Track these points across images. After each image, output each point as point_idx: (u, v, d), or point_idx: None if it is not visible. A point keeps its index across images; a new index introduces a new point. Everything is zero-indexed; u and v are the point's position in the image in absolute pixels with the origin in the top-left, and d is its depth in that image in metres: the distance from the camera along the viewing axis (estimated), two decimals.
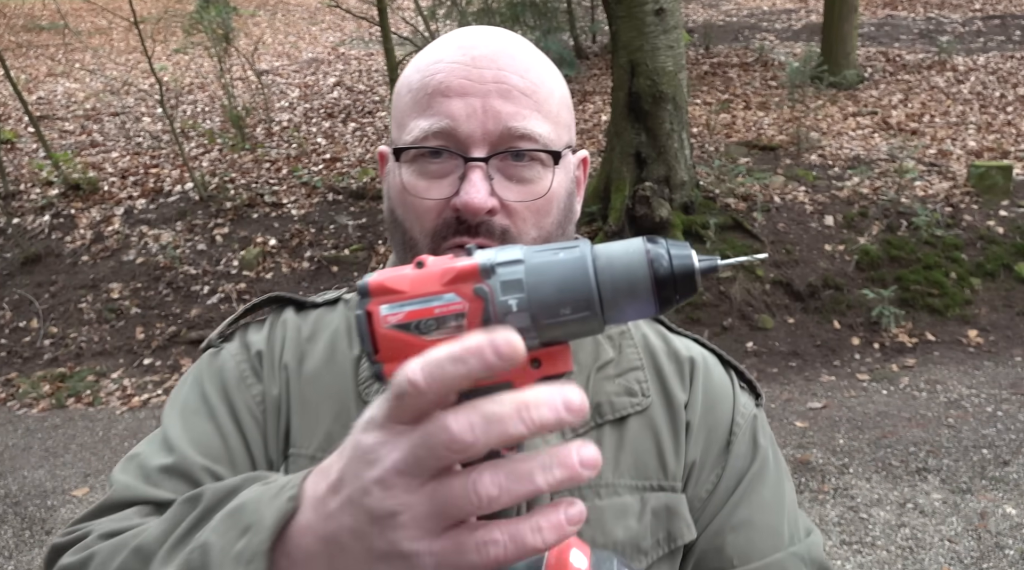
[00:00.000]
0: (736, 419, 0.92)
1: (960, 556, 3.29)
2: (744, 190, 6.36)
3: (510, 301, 0.50)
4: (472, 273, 0.51)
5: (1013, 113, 8.11)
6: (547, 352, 0.53)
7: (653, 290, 0.52)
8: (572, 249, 0.52)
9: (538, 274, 0.51)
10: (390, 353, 0.52)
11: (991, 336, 5.29)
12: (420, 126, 0.80)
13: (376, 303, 0.52)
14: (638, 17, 5.73)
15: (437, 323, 0.51)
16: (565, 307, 0.50)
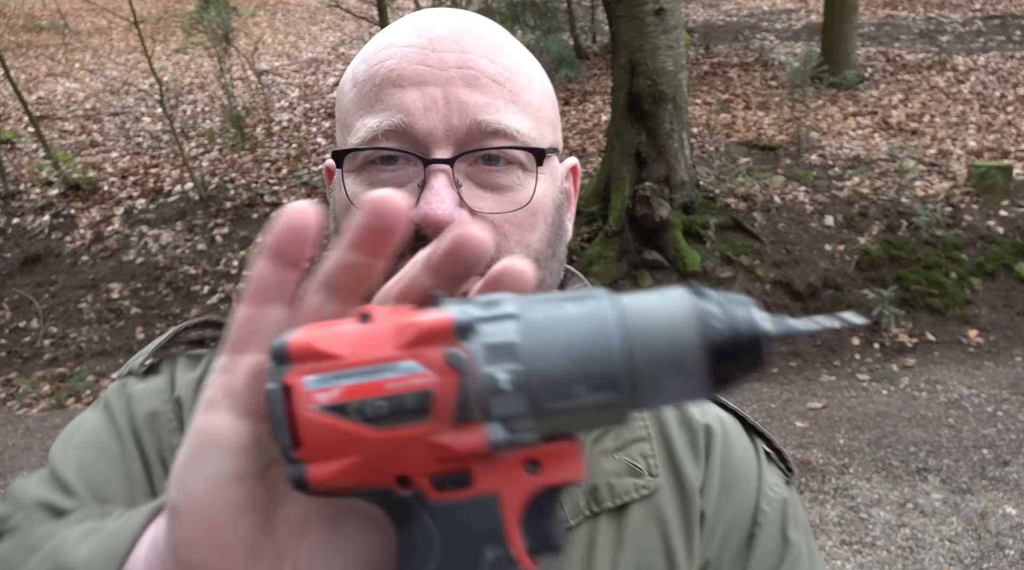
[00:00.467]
0: (761, 505, 0.74)
1: (960, 556, 3.29)
2: (744, 190, 6.36)
3: (498, 374, 0.36)
4: (442, 332, 0.36)
5: (1013, 113, 8.11)
6: (550, 450, 0.38)
7: (707, 362, 0.37)
8: (586, 300, 0.37)
9: (540, 334, 0.36)
10: (318, 447, 0.36)
11: (991, 336, 5.29)
12: (367, 125, 0.65)
13: (298, 372, 0.36)
14: (638, 17, 5.73)
15: (389, 405, 0.36)
16: (578, 385, 0.36)
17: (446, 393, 0.36)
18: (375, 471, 0.37)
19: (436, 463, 0.37)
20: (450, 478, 0.37)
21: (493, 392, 0.36)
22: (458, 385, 0.36)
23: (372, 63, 0.67)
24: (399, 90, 0.64)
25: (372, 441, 0.36)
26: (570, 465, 0.39)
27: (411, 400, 0.36)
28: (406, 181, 0.64)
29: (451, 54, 0.65)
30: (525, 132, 0.66)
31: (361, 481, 0.37)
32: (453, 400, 0.36)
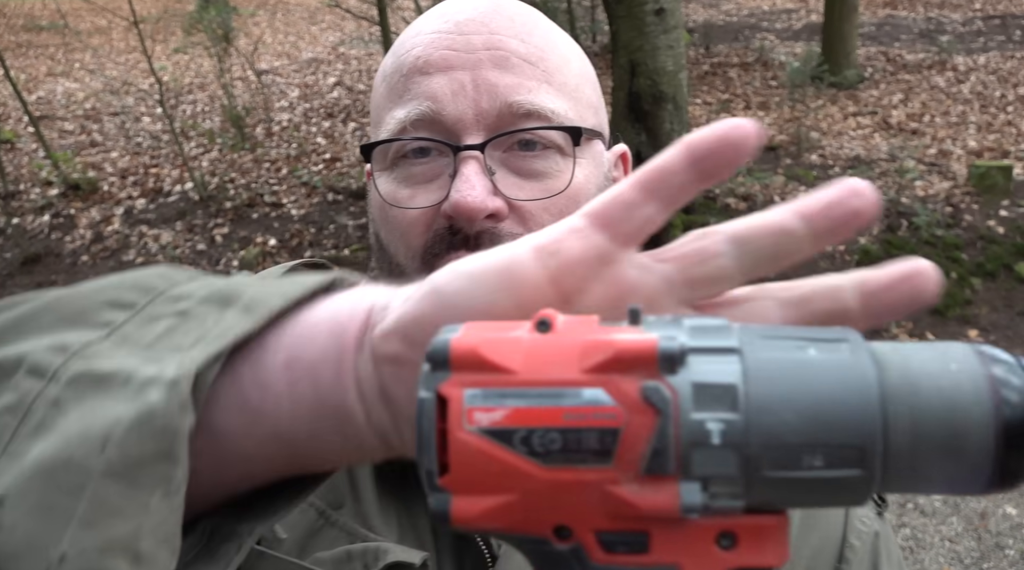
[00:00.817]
0: (849, 539, 0.66)
1: (960, 556, 3.29)
2: (744, 190, 6.36)
3: (709, 424, 0.28)
4: (644, 359, 0.29)
5: (1013, 113, 8.10)
6: (751, 524, 0.30)
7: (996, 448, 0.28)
8: (837, 345, 0.29)
9: (770, 380, 0.29)
10: (469, 478, 0.30)
11: (991, 336, 5.29)
12: (396, 117, 0.62)
13: (458, 382, 0.30)
14: (638, 17, 5.73)
15: (564, 440, 0.29)
16: (814, 453, 0.28)
17: (637, 436, 0.29)
18: (532, 516, 0.31)
19: (608, 519, 0.30)
20: (623, 539, 0.30)
21: (698, 444, 0.28)
22: (654, 428, 0.29)
23: (399, 54, 0.65)
24: (426, 77, 0.61)
25: (536, 480, 0.30)
26: (773, 547, 0.30)
27: (591, 438, 0.29)
28: (438, 173, 0.61)
29: (478, 36, 0.61)
30: (561, 113, 0.61)
31: (513, 525, 0.31)
32: (645, 446, 0.29)
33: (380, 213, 0.65)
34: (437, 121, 0.61)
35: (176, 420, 0.32)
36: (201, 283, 0.40)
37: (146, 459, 0.32)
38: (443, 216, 0.60)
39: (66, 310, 0.39)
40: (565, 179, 0.62)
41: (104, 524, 0.31)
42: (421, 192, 0.62)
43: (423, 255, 0.61)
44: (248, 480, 0.38)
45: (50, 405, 0.34)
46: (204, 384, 0.34)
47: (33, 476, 0.33)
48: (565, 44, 0.67)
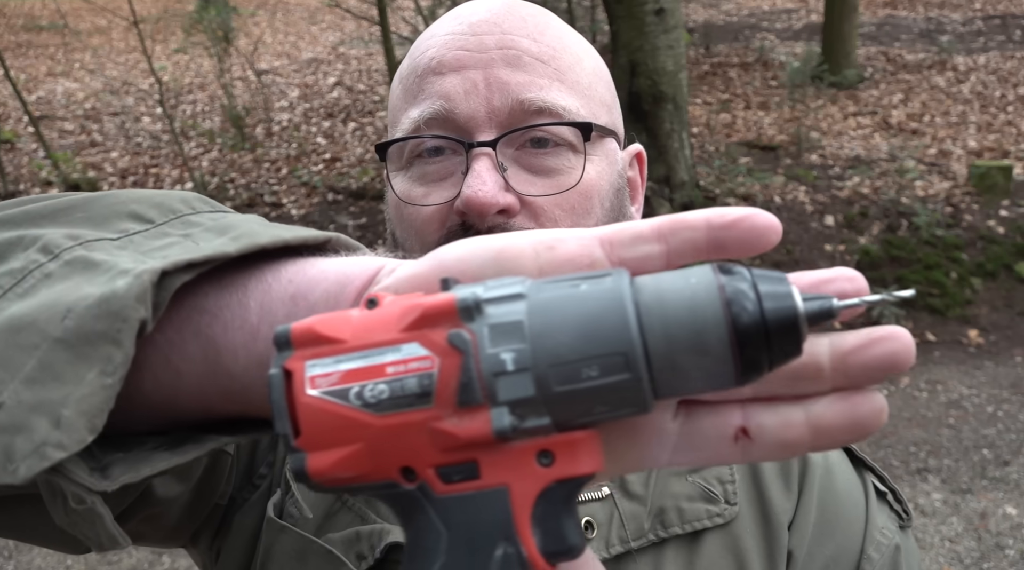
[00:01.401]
0: (867, 551, 0.65)
1: (960, 556, 3.29)
2: (744, 190, 6.36)
3: (503, 355, 0.34)
4: (447, 313, 0.35)
5: (1013, 113, 8.10)
6: (564, 440, 0.35)
7: (732, 346, 0.33)
8: (600, 278, 0.35)
9: (548, 313, 0.34)
10: (318, 435, 0.35)
11: (991, 336, 5.29)
12: (410, 117, 0.63)
13: (300, 357, 0.35)
14: (638, 17, 5.73)
15: (390, 389, 0.34)
16: (589, 365, 0.33)
17: (449, 376, 0.34)
18: (378, 461, 0.35)
19: (441, 453, 0.35)
20: (456, 469, 0.36)
21: (498, 374, 0.34)
22: (461, 367, 0.34)
23: (415, 56, 0.66)
24: (439, 77, 0.62)
25: (373, 428, 0.34)
26: (586, 457, 0.36)
27: (412, 383, 0.34)
28: (452, 171, 0.62)
29: (491, 36, 0.63)
30: (572, 110, 0.62)
31: (364, 472, 0.36)
32: (456, 383, 0.34)
33: (395, 211, 0.66)
34: (450, 119, 0.62)
35: (129, 308, 0.35)
36: (216, 215, 0.44)
37: (95, 336, 0.35)
38: (456, 213, 0.61)
39: (94, 212, 0.44)
40: (575, 175, 0.63)
41: (43, 385, 0.35)
42: (435, 190, 0.63)
43: None
44: (231, 400, 0.40)
45: (43, 276, 0.39)
46: (170, 285, 0.37)
47: (1, 329, 0.37)
48: (577, 43, 0.68)
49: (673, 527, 0.62)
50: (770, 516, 0.64)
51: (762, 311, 0.34)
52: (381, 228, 6.51)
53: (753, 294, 0.34)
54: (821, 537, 0.65)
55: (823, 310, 0.35)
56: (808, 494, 0.66)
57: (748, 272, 0.35)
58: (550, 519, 0.36)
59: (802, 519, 0.65)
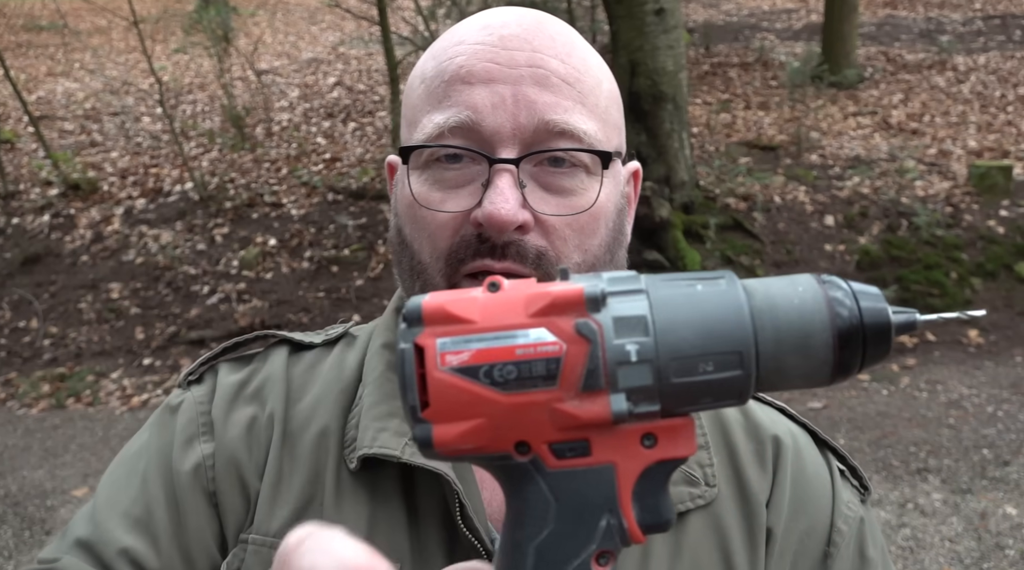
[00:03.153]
0: (837, 524, 0.71)
1: (960, 556, 3.29)
2: (744, 190, 6.36)
3: (628, 346, 0.36)
4: (574, 302, 0.37)
5: (1013, 113, 8.10)
6: (667, 426, 0.39)
7: (834, 346, 0.38)
8: (715, 280, 0.38)
9: (670, 310, 0.37)
10: (445, 408, 0.38)
11: (991, 336, 5.29)
12: (434, 121, 0.64)
13: (431, 335, 0.38)
14: (638, 17, 5.72)
15: (518, 370, 0.37)
16: (707, 361, 0.37)
17: (575, 362, 0.37)
18: (498, 435, 0.38)
19: (557, 431, 0.38)
20: (570, 446, 0.38)
21: (621, 363, 0.37)
22: (587, 354, 0.37)
23: (441, 60, 0.66)
24: (468, 87, 0.63)
25: (499, 405, 0.37)
26: (684, 441, 0.39)
27: (540, 367, 0.37)
28: (470, 180, 0.64)
29: (521, 53, 0.64)
30: (592, 134, 0.65)
31: (483, 444, 0.38)
32: (581, 369, 0.37)
33: (408, 211, 0.67)
34: (475, 130, 0.63)
35: None
36: None
37: None
38: (472, 223, 0.63)
39: None
40: (589, 197, 0.65)
41: None
42: (452, 197, 0.64)
43: (447, 257, 0.65)
44: None
45: None
46: None
47: None
48: (598, 66, 0.70)
49: None
50: (748, 495, 0.69)
51: (861, 317, 0.38)
52: (381, 228, 6.50)
53: (852, 303, 0.38)
54: (795, 513, 0.70)
55: (909, 322, 0.39)
56: (782, 474, 0.71)
57: (846, 283, 0.39)
58: (649, 495, 0.40)
59: (778, 497, 0.70)
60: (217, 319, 5.94)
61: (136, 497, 0.69)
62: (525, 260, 0.63)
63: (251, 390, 0.73)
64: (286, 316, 5.89)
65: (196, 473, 0.69)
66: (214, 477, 0.69)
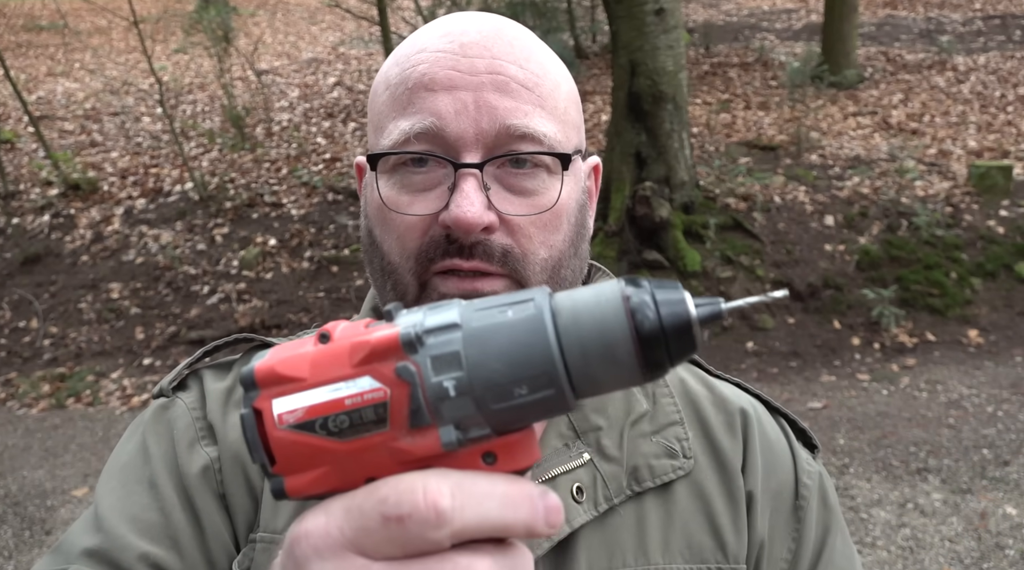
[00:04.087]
0: (802, 479, 0.79)
1: (960, 556, 3.29)
2: (744, 190, 6.36)
3: (445, 383, 0.38)
4: (391, 347, 0.39)
5: (1013, 113, 8.10)
6: (504, 443, 0.41)
7: (636, 352, 0.39)
8: (524, 304, 0.40)
9: (481, 343, 0.39)
10: (291, 462, 0.40)
11: (991, 336, 5.29)
12: (400, 127, 0.67)
13: (267, 396, 0.40)
14: (638, 17, 5.72)
15: (350, 419, 0.39)
16: (520, 386, 0.39)
17: (400, 404, 0.39)
18: (346, 477, 0.40)
19: (399, 465, 0.40)
20: None
21: (442, 399, 0.39)
22: (409, 395, 0.39)
23: (405, 67, 0.69)
24: (431, 94, 0.66)
25: (339, 452, 0.39)
26: (523, 453, 0.41)
27: (369, 413, 0.39)
28: (436, 183, 0.67)
29: (482, 60, 0.67)
30: (552, 136, 0.68)
31: (335, 486, 0.40)
32: (406, 409, 0.39)
33: (378, 213, 0.70)
34: (440, 136, 0.66)
35: None
36: None
37: None
38: (441, 225, 0.66)
39: None
40: (551, 197, 0.69)
41: None
42: (419, 199, 0.68)
43: (417, 257, 0.68)
44: None
45: None
46: None
47: None
48: (556, 69, 0.72)
49: (646, 482, 0.73)
50: (724, 462, 0.76)
51: (660, 320, 0.39)
52: None
53: (652, 303, 0.40)
54: (767, 475, 0.78)
55: (712, 313, 0.41)
56: (751, 440, 0.78)
57: (648, 285, 0.40)
58: None
59: (751, 462, 0.77)
60: (217, 319, 5.94)
61: (147, 503, 0.70)
62: (492, 258, 0.66)
63: (239, 396, 0.75)
64: (286, 316, 5.89)
65: (205, 475, 0.71)
66: (222, 479, 0.71)
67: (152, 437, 0.74)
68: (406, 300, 0.69)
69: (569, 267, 0.71)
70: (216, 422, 0.74)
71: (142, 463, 0.73)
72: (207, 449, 0.72)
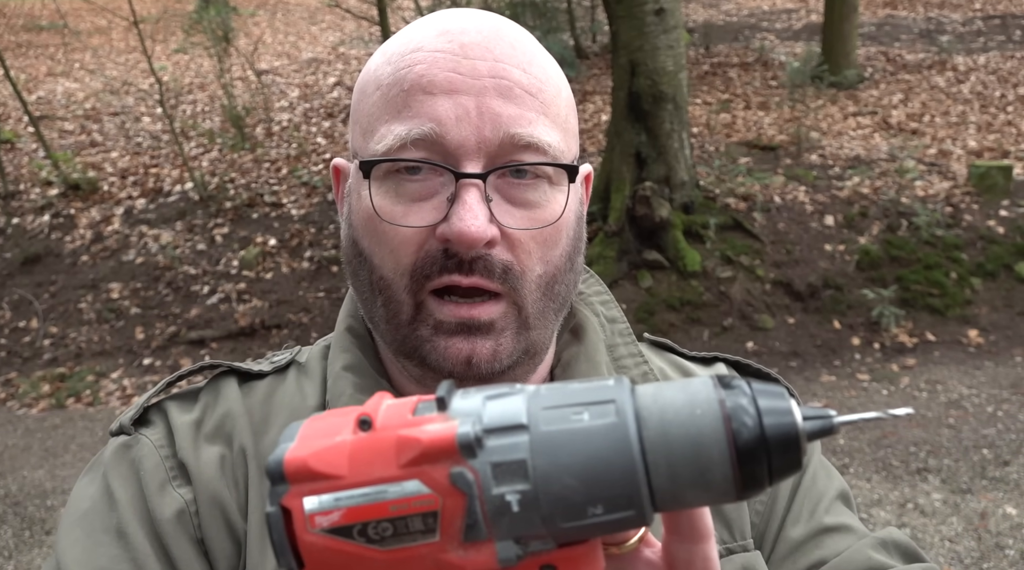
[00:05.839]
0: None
1: (960, 556, 3.29)
2: (744, 190, 6.36)
3: (508, 496, 0.33)
4: (446, 448, 0.34)
5: (1013, 113, 8.10)
6: (566, 555, 0.36)
7: (735, 475, 0.34)
8: (604, 407, 0.34)
9: (552, 452, 0.34)
10: (322, 569, 0.35)
11: (991, 336, 5.29)
12: (395, 132, 0.62)
13: (297, 493, 0.35)
14: (638, 17, 5.72)
15: (394, 527, 0.34)
16: (595, 505, 0.34)
17: (453, 514, 0.34)
18: None
19: None
20: None
21: (503, 513, 0.34)
22: (465, 507, 0.34)
23: (399, 66, 0.64)
24: (430, 97, 0.62)
25: (378, 562, 0.35)
26: (587, 567, 0.36)
27: (417, 522, 0.34)
28: (433, 192, 0.62)
29: (483, 62, 0.62)
30: (555, 146, 0.64)
31: None
32: (460, 522, 0.34)
33: (367, 224, 0.64)
34: (439, 143, 0.61)
35: None
36: None
37: None
38: (439, 238, 0.62)
39: None
40: (553, 210, 0.64)
41: None
42: (415, 210, 0.63)
43: (412, 272, 0.63)
44: None
45: None
46: None
47: None
48: (556, 74, 0.68)
49: None
50: None
51: (763, 430, 0.34)
52: None
53: (754, 411, 0.35)
54: None
55: (824, 428, 0.36)
56: None
57: (748, 387, 0.35)
58: None
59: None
60: (217, 319, 5.94)
61: (117, 554, 0.63)
62: (492, 275, 0.62)
63: (210, 428, 0.68)
64: (286, 316, 5.89)
65: (180, 520, 0.64)
66: (199, 523, 0.65)
67: (116, 480, 0.66)
68: (399, 320, 0.64)
69: (563, 282, 0.68)
70: (188, 460, 0.66)
71: (107, 509, 0.65)
72: (180, 490, 0.65)
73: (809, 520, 0.75)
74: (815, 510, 0.76)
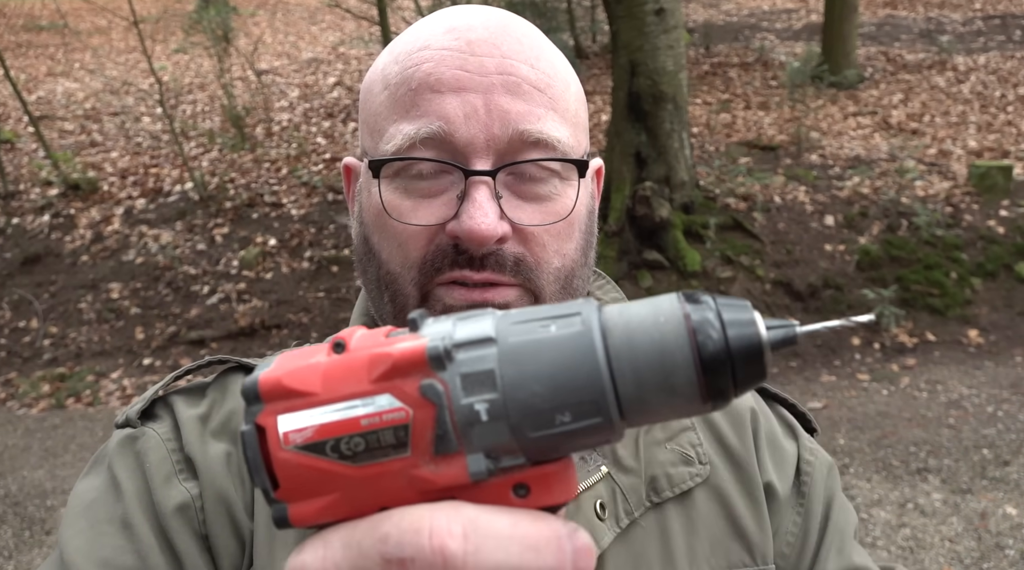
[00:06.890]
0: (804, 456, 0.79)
1: (960, 556, 3.29)
2: (744, 190, 6.36)
3: (477, 406, 0.34)
4: (416, 362, 0.34)
5: (1013, 113, 8.10)
6: (539, 474, 0.36)
7: (699, 380, 0.34)
8: (570, 319, 0.35)
9: (519, 361, 0.34)
10: (296, 487, 0.35)
11: (991, 336, 5.29)
12: (403, 131, 0.62)
13: (271, 412, 0.35)
14: (638, 17, 5.72)
15: (366, 441, 0.34)
16: (562, 412, 0.34)
17: (423, 427, 0.34)
18: (357, 506, 0.35)
19: (419, 495, 0.35)
20: None
21: (472, 424, 0.34)
22: (435, 419, 0.34)
23: (406, 65, 0.64)
24: (438, 96, 0.62)
25: (351, 478, 0.35)
26: (560, 487, 0.36)
27: (388, 435, 0.34)
28: (443, 190, 0.63)
29: (491, 59, 0.62)
30: (565, 141, 0.64)
31: (344, 516, 0.36)
32: (431, 434, 0.34)
33: (377, 220, 0.65)
34: (448, 142, 0.61)
35: None
36: None
37: None
38: (449, 235, 0.62)
39: None
40: (565, 204, 0.65)
41: None
42: (424, 207, 0.63)
43: (421, 266, 0.63)
44: None
45: None
46: None
47: None
48: (565, 68, 0.68)
49: (665, 492, 0.69)
50: (738, 462, 0.74)
51: (727, 341, 0.34)
52: None
53: (718, 323, 0.35)
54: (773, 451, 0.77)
55: (787, 337, 0.36)
56: (759, 436, 0.77)
57: (713, 300, 0.35)
58: None
59: (762, 456, 0.76)
60: (217, 319, 5.94)
61: (121, 546, 0.62)
62: (504, 269, 0.62)
63: (217, 424, 0.68)
64: (286, 316, 5.89)
65: (184, 514, 0.64)
66: (204, 519, 0.64)
67: (122, 471, 0.65)
68: (406, 312, 0.64)
69: (580, 276, 0.68)
70: (196, 455, 0.66)
71: (113, 500, 0.64)
72: (186, 484, 0.65)
73: (839, 556, 0.77)
74: (843, 546, 0.78)
